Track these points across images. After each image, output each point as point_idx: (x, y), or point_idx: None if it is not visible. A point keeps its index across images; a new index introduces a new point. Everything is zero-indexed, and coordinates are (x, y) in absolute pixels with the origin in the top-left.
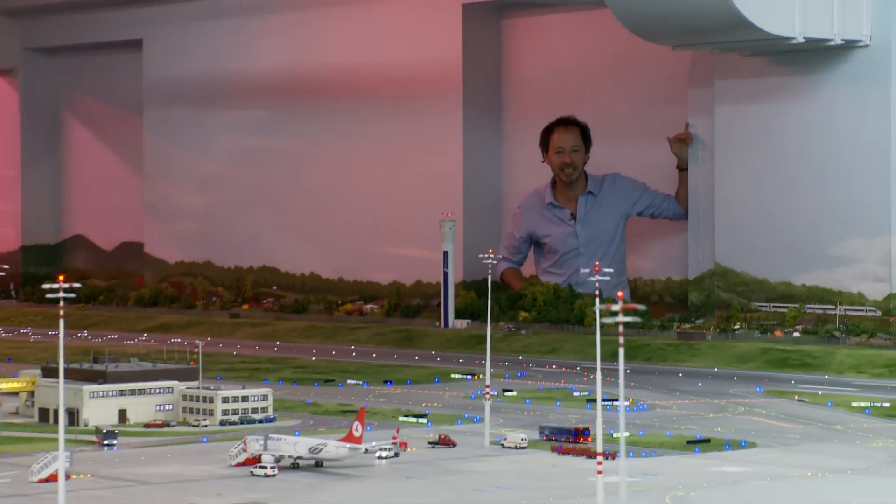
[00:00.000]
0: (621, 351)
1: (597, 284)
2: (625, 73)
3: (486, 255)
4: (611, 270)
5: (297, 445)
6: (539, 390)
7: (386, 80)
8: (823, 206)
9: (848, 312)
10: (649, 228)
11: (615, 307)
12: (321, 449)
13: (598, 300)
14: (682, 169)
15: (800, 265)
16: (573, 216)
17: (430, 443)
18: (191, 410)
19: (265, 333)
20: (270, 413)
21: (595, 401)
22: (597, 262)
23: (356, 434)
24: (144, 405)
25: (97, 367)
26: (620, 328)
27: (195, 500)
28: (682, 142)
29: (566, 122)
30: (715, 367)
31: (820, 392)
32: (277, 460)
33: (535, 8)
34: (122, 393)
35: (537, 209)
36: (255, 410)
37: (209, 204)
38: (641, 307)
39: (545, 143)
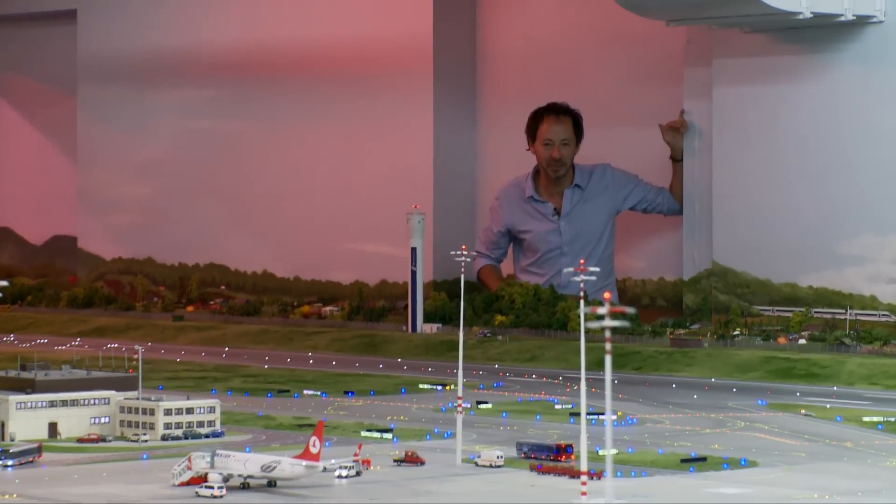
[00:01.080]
0: (608, 359)
1: (581, 285)
2: (613, 51)
3: (459, 252)
4: (597, 269)
5: (247, 463)
6: (517, 403)
7: (347, 56)
8: (832, 200)
9: (859, 317)
10: (640, 224)
11: (601, 310)
12: (274, 467)
13: (582, 302)
14: (677, 160)
15: (806, 265)
16: (557, 211)
17: (395, 460)
18: (129, 424)
19: (212, 338)
20: (218, 427)
21: (579, 414)
22: (581, 261)
23: (313, 450)
24: (77, 418)
25: (25, 375)
26: (607, 333)
27: None
28: (675, 130)
29: (557, 111)
30: (712, 378)
31: (828, 405)
32: (226, 479)
33: None
34: (52, 404)
35: (516, 201)
36: (200, 424)
37: (150, 194)
38: (631, 310)
39: (532, 130)
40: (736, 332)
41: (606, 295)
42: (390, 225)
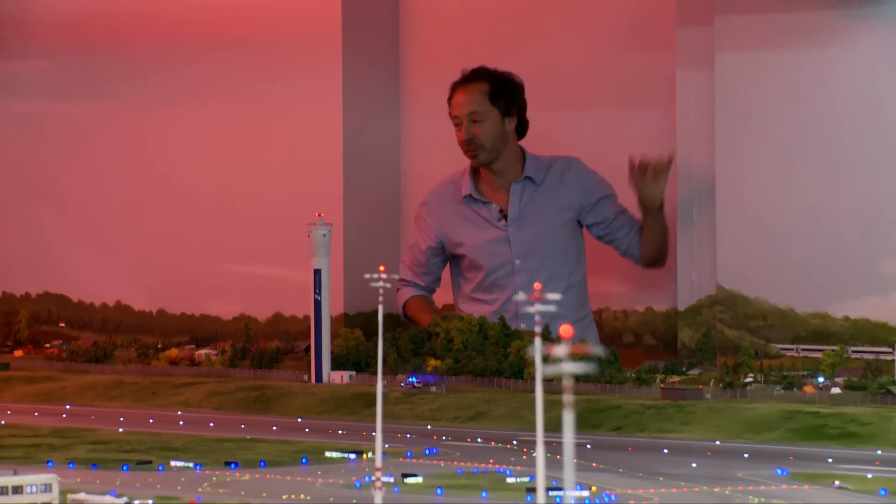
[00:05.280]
0: (567, 416)
1: (536, 318)
2: (582, 7)
3: (377, 275)
4: (557, 297)
5: None
6: (456, 475)
7: (227, 18)
8: (875, 202)
9: None
10: None
11: (559, 350)
12: None
13: (538, 341)
14: (651, 211)
15: (841, 289)
16: (503, 214)
17: None
18: None
19: (48, 392)
20: None
21: (536, 490)
22: (536, 285)
23: None
24: None
25: None
26: (566, 382)
27: None
28: (654, 171)
29: (468, 78)
30: (717, 440)
31: (869, 475)
32: None
33: None
34: None
35: (450, 204)
36: None
37: None
38: (599, 350)
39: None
40: (748, 379)
41: (565, 330)
42: (286, 240)
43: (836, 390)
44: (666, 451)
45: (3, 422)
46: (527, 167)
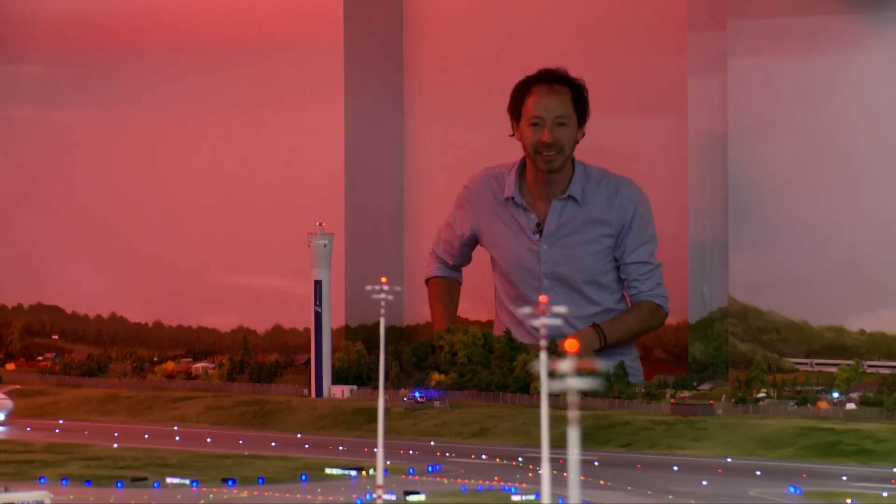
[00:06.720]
0: (572, 434)
1: (542, 331)
2: (592, 10)
3: (378, 287)
4: (563, 311)
5: None
6: (460, 493)
7: (225, 20)
8: (892, 212)
9: None
10: None
11: (563, 365)
12: None
13: (543, 355)
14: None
15: (856, 301)
16: (539, 227)
17: None
18: None
19: (41, 406)
20: None
21: None
22: (542, 297)
23: None
24: None
25: None
26: (571, 397)
27: None
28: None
29: (551, 79)
30: (728, 457)
31: (885, 493)
32: None
33: None
34: None
35: (491, 202)
36: None
37: None
38: (604, 365)
39: (516, 107)
40: (761, 395)
41: (570, 344)
42: (286, 250)
43: (851, 406)
44: (676, 468)
45: None
46: (572, 184)
